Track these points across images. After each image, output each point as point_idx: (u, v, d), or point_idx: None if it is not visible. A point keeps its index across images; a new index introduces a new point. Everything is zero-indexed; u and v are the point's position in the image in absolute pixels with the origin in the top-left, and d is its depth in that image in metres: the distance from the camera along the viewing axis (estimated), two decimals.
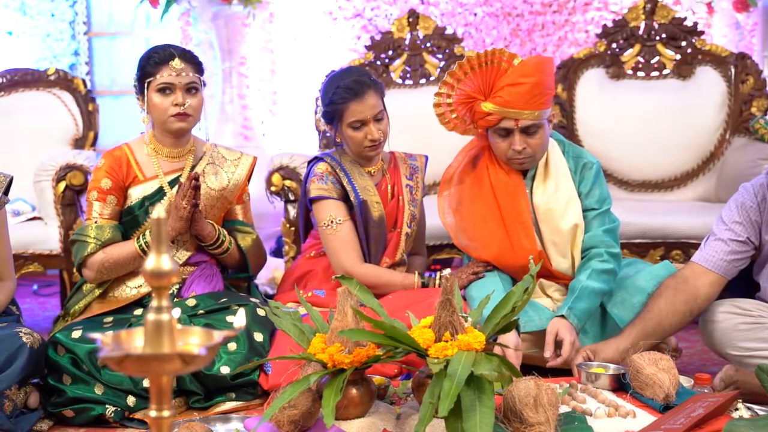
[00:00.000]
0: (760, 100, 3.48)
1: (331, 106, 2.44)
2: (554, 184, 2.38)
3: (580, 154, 2.46)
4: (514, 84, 2.25)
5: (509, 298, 1.57)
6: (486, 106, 2.29)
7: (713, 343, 2.16)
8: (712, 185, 3.47)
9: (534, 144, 2.31)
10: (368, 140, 2.43)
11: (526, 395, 1.42)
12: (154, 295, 0.93)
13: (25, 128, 3.50)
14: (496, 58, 2.29)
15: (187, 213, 2.32)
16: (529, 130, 2.29)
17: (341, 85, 2.43)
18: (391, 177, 2.58)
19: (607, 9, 4.33)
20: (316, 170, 2.50)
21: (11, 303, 2.35)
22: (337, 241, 2.43)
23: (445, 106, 2.39)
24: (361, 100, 2.41)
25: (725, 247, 2.16)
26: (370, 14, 4.49)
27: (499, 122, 2.29)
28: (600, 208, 2.39)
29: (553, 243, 2.38)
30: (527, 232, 2.35)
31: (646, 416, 1.57)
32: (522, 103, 2.25)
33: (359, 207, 2.46)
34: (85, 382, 2.17)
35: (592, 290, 2.26)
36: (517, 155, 2.33)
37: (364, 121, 2.42)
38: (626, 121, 3.54)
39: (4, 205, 2.31)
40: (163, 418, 0.95)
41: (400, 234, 2.55)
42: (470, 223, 2.43)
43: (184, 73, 2.37)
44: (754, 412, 1.65)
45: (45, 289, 4.09)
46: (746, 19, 4.19)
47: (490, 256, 2.39)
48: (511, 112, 2.26)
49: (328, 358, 1.48)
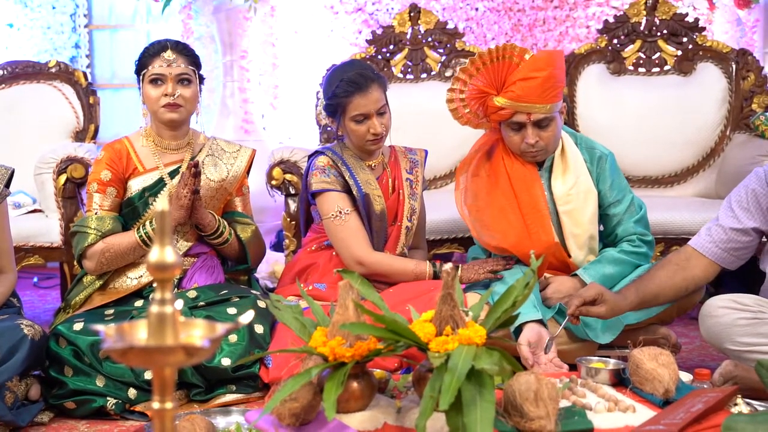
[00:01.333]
0: (761, 96, 3.48)
1: (333, 99, 2.44)
2: (574, 176, 2.41)
3: (593, 146, 2.49)
4: (525, 78, 2.27)
5: (510, 293, 1.57)
6: (498, 100, 2.31)
7: (712, 339, 2.16)
8: (713, 181, 3.47)
9: (546, 137, 2.34)
10: (371, 134, 2.44)
11: (526, 389, 1.42)
12: (157, 287, 0.93)
13: (26, 121, 3.49)
14: (507, 53, 2.30)
15: (187, 201, 2.32)
16: (541, 123, 2.32)
17: (345, 79, 2.42)
18: (392, 171, 2.59)
19: (608, 4, 4.33)
20: (318, 163, 2.50)
21: (12, 295, 2.35)
22: (346, 232, 2.43)
23: (458, 101, 2.40)
24: (364, 94, 2.41)
25: (723, 236, 2.15)
26: (372, 8, 4.49)
27: (511, 116, 2.32)
28: (624, 198, 2.44)
29: (573, 235, 2.41)
30: (543, 221, 2.38)
31: (645, 411, 1.57)
32: (534, 96, 2.27)
33: (362, 200, 2.47)
34: (87, 374, 2.18)
35: (615, 258, 2.34)
36: (530, 148, 2.35)
37: (367, 115, 2.42)
38: (627, 117, 3.54)
39: (5, 198, 2.31)
40: (166, 409, 0.95)
41: (400, 228, 2.55)
42: (488, 215, 2.43)
43: (175, 64, 2.38)
44: (753, 408, 1.65)
45: (45, 281, 4.10)
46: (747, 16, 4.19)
47: (509, 245, 2.40)
48: (524, 106, 2.28)
49: (329, 351, 1.48)
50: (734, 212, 2.15)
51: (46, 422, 2.14)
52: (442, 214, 3.06)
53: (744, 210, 2.14)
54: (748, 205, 2.14)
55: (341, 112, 2.44)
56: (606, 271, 2.36)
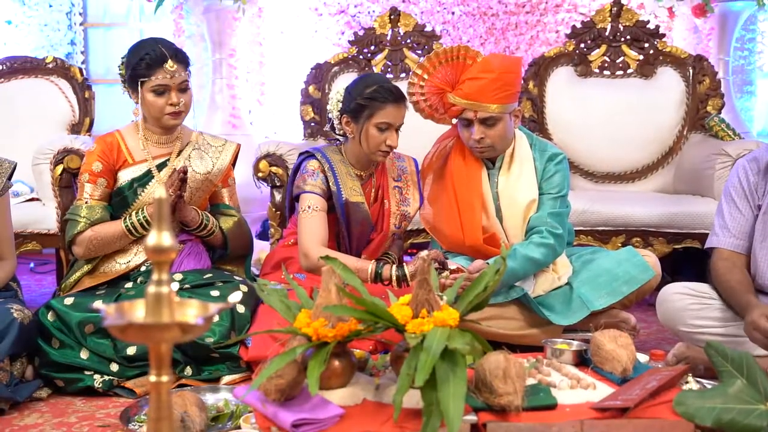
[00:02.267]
0: (715, 99, 3.54)
1: (367, 100, 2.38)
2: (518, 170, 2.43)
3: (545, 148, 2.49)
4: (473, 78, 2.31)
5: (482, 279, 1.60)
6: (451, 97, 2.36)
7: (667, 321, 2.22)
8: (671, 177, 3.53)
9: (492, 135, 2.36)
10: (386, 145, 2.40)
11: (496, 368, 1.45)
12: (154, 269, 0.95)
13: (24, 113, 3.47)
14: (461, 54, 2.35)
15: (172, 201, 2.33)
16: (487, 121, 2.35)
17: (385, 86, 2.40)
18: (377, 180, 2.56)
19: (576, 11, 4.37)
20: (308, 167, 2.47)
21: (12, 280, 2.35)
22: (306, 226, 2.40)
23: (418, 95, 2.43)
24: (398, 106, 2.39)
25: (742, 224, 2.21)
26: (354, 11, 4.49)
27: (461, 112, 2.36)
28: (554, 194, 2.42)
29: (512, 226, 2.42)
30: (473, 219, 2.38)
31: (605, 388, 1.60)
32: (481, 96, 2.31)
33: (341, 207, 2.45)
34: (72, 348, 2.19)
35: (524, 255, 2.32)
36: (476, 144, 2.38)
37: (391, 126, 2.39)
38: (592, 117, 3.58)
39: (8, 190, 2.30)
40: (162, 383, 0.97)
41: (385, 236, 2.55)
42: (434, 208, 2.48)
43: (177, 74, 2.37)
44: (702, 386, 1.70)
45: (41, 267, 4.07)
46: (704, 24, 4.25)
47: (444, 238, 2.44)
48: (471, 104, 2.32)
49: (312, 331, 1.50)
50: (734, 200, 2.21)
51: (44, 397, 2.15)
52: None
53: (740, 197, 2.21)
54: (742, 192, 2.21)
55: (368, 115, 2.38)
56: (517, 267, 2.31)
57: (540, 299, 2.40)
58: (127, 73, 2.41)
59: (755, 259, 2.17)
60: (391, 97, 2.38)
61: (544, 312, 2.36)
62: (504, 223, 2.43)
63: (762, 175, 2.20)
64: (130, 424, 1.85)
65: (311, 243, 2.38)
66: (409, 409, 1.44)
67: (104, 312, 0.93)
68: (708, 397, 1.47)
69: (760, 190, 2.19)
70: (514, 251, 2.32)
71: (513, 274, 2.31)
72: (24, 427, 1.97)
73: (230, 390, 2.01)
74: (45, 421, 2.01)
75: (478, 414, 1.45)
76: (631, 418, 1.46)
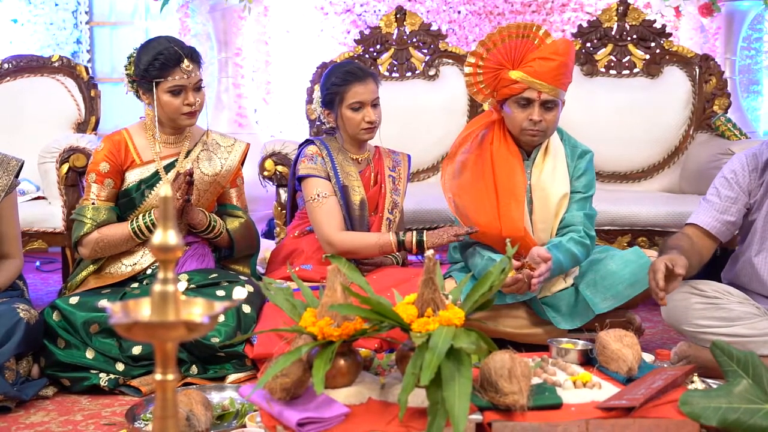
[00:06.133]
0: (722, 99, 3.53)
1: (333, 88, 2.49)
2: (552, 164, 2.41)
3: (575, 144, 2.49)
4: (545, 58, 2.27)
5: (487, 278, 1.60)
6: (514, 74, 2.30)
7: (672, 320, 2.22)
8: (676, 177, 3.52)
9: (549, 119, 2.33)
10: (365, 122, 2.48)
11: (501, 367, 1.45)
12: (160, 268, 0.95)
13: (30, 112, 3.48)
14: (532, 33, 2.31)
15: (179, 205, 2.32)
16: (548, 104, 2.31)
17: (344, 70, 2.50)
18: (375, 165, 2.62)
19: (582, 10, 4.36)
20: (307, 151, 2.54)
21: (18, 278, 2.36)
22: (321, 214, 2.45)
23: (474, 75, 2.38)
24: (362, 83, 2.47)
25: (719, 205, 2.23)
26: (360, 10, 4.49)
27: (522, 92, 2.30)
28: (585, 193, 2.42)
29: (541, 220, 2.39)
30: (517, 207, 2.34)
31: (610, 387, 1.60)
32: (548, 77, 2.27)
33: (340, 191, 2.50)
34: (77, 347, 2.20)
35: (567, 248, 2.30)
36: (532, 126, 2.32)
37: (363, 103, 2.47)
38: (598, 116, 3.57)
39: (15, 188, 2.31)
40: (167, 381, 0.97)
41: (381, 218, 2.57)
42: (468, 194, 2.41)
43: (193, 74, 2.36)
44: (708, 385, 1.70)
45: (47, 265, 4.08)
46: (710, 23, 4.24)
47: (481, 225, 2.38)
48: (537, 84, 2.28)
49: (318, 330, 1.50)
50: (728, 180, 2.22)
51: (50, 396, 2.15)
52: (425, 205, 3.08)
53: (726, 185, 2.22)
54: (734, 180, 2.22)
55: (339, 101, 2.48)
56: (561, 259, 2.30)
57: (546, 300, 2.39)
58: (137, 73, 2.36)
59: (752, 265, 2.19)
60: (353, 78, 2.47)
61: (549, 314, 2.36)
62: (533, 216, 2.39)
63: (759, 173, 2.19)
64: (135, 422, 1.86)
65: (331, 230, 2.43)
66: (415, 408, 1.44)
67: (110, 310, 0.94)
68: (713, 397, 1.47)
69: (753, 186, 2.20)
70: (559, 244, 2.31)
71: (559, 266, 2.29)
72: (30, 425, 1.97)
73: (236, 389, 2.02)
74: (51, 419, 2.01)
75: (483, 413, 1.45)
76: (637, 418, 1.45)
